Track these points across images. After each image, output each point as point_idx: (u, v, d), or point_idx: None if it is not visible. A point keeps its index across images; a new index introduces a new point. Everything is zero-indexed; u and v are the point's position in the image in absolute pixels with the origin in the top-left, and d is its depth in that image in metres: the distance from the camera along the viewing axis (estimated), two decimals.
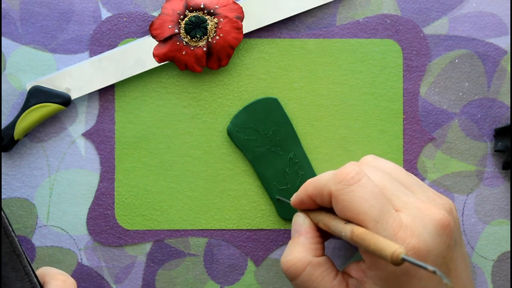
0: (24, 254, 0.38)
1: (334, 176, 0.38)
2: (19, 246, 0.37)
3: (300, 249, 0.40)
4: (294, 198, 0.42)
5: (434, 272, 0.30)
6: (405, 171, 0.41)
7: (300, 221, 0.42)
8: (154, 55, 0.46)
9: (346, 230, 0.37)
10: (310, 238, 0.41)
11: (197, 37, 0.45)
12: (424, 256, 0.36)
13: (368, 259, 0.37)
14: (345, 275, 0.39)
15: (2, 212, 0.38)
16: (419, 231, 0.36)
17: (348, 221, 0.38)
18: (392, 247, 0.32)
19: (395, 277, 0.36)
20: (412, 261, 0.31)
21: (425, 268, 0.31)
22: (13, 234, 0.38)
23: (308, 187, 0.40)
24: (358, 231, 0.36)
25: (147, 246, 0.47)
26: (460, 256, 0.39)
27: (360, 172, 0.37)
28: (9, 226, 0.38)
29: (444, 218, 0.37)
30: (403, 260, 0.32)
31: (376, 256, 0.35)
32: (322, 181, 0.39)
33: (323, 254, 0.41)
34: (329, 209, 0.41)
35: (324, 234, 0.42)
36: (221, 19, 0.45)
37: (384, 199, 0.37)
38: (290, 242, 0.41)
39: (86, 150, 0.47)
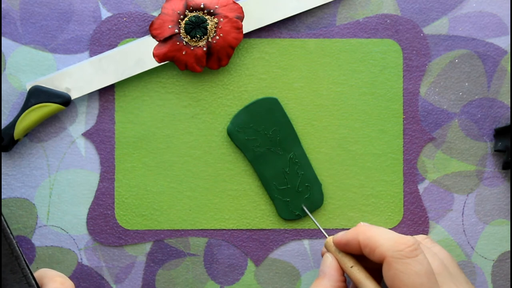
0: (23, 256, 0.38)
1: (394, 242, 0.38)
2: (17, 248, 0.37)
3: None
4: (340, 237, 0.42)
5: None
6: (456, 262, 0.43)
7: (328, 262, 0.42)
8: (154, 55, 0.46)
9: None
10: (334, 281, 0.41)
11: (197, 37, 0.45)
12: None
13: None
14: None
15: (1, 215, 0.38)
16: None
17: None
18: None
19: None
20: None
21: None
22: (11, 236, 0.37)
23: (362, 235, 0.40)
24: None
25: (147, 246, 0.47)
26: None
27: (418, 247, 0.38)
28: (7, 228, 0.38)
29: None
30: None
31: None
32: (379, 240, 0.39)
33: None
34: (359, 257, 0.42)
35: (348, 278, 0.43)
36: (221, 19, 0.45)
37: (435, 282, 0.38)
38: (314, 282, 0.42)
39: (86, 150, 0.47)
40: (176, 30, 0.45)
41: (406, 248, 0.38)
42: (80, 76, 0.46)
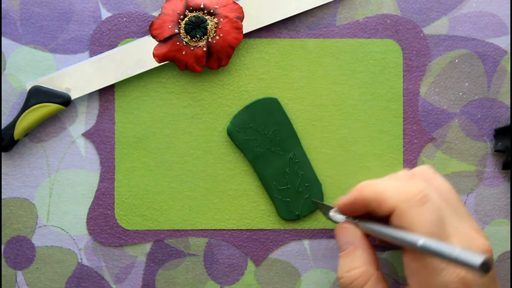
0: None
1: (402, 192, 0.37)
2: None
3: (361, 263, 0.39)
4: (344, 200, 0.41)
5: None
6: (456, 194, 0.40)
7: (351, 232, 0.41)
8: (154, 55, 0.46)
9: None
10: (368, 249, 0.40)
11: (197, 37, 0.45)
12: (470, 286, 0.36)
13: (417, 281, 0.37)
14: None
15: None
16: None
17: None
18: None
19: None
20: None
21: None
22: None
23: (366, 191, 0.39)
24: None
25: (147, 246, 0.47)
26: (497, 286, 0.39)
27: (427, 193, 0.37)
28: None
29: (489, 249, 0.37)
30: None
31: (451, 264, 0.34)
32: (386, 192, 0.38)
33: (379, 267, 0.40)
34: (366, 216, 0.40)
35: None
36: (221, 19, 0.45)
37: (444, 225, 0.37)
38: (345, 255, 0.40)
39: (86, 150, 0.47)
40: (176, 30, 0.45)
41: (415, 196, 0.37)
42: (80, 76, 0.46)
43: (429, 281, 0.36)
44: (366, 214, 0.40)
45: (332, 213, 0.43)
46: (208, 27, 0.45)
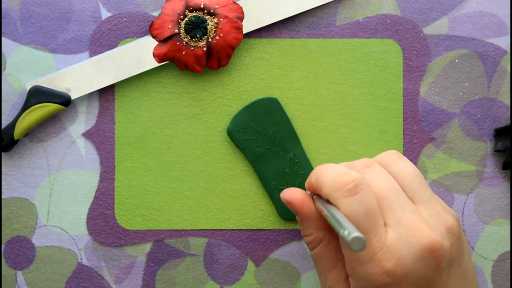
0: None
1: (334, 181, 0.37)
2: None
3: (312, 230, 0.40)
4: (306, 183, 0.41)
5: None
6: (421, 178, 0.39)
7: (299, 204, 0.41)
8: (154, 55, 0.46)
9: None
10: (315, 217, 0.40)
11: (197, 37, 0.45)
12: (400, 278, 0.35)
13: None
14: None
15: None
16: (401, 253, 0.35)
17: None
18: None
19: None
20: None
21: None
22: None
23: (313, 175, 0.39)
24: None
25: (147, 246, 0.47)
26: (457, 274, 0.37)
27: (359, 184, 0.36)
28: None
29: (434, 242, 0.36)
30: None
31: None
32: (322, 179, 0.38)
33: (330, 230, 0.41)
34: None
35: None
36: (221, 19, 0.45)
37: (375, 217, 0.36)
38: (299, 221, 0.41)
39: (86, 150, 0.47)
40: (176, 30, 0.45)
41: (345, 186, 0.36)
42: (80, 76, 0.46)
43: (355, 269, 0.36)
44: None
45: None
46: (208, 27, 0.45)
